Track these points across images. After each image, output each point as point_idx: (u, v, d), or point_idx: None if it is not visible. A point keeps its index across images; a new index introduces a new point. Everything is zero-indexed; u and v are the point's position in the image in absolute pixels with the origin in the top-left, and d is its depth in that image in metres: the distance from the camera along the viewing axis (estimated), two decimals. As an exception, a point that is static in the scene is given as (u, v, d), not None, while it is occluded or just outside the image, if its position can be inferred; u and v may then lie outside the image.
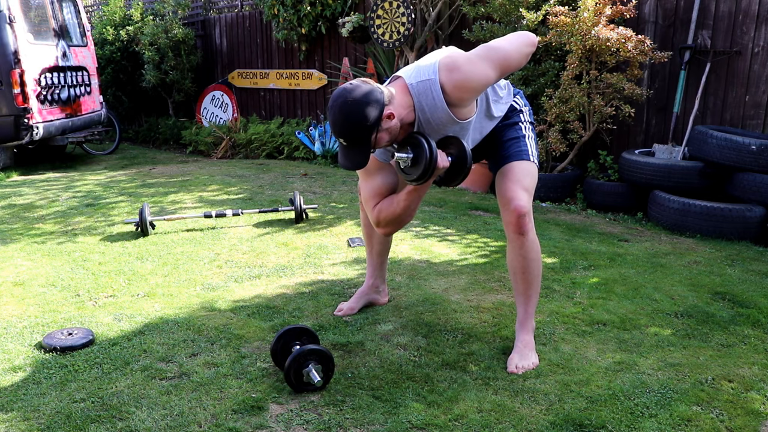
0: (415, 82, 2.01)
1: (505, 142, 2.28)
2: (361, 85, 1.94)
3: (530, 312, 2.32)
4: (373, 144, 1.96)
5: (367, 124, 1.90)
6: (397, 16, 5.79)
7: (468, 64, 1.98)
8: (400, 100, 2.00)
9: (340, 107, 1.91)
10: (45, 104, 6.41)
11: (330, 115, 1.95)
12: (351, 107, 1.90)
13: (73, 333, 2.42)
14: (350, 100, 1.90)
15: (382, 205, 2.19)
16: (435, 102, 2.00)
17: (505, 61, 2.02)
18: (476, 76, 1.97)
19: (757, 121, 4.39)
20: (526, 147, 2.27)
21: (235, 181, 5.52)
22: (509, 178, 2.22)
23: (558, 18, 4.52)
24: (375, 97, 1.91)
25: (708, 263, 3.35)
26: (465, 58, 2.00)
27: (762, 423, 1.89)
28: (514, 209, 2.16)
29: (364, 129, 1.91)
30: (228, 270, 3.24)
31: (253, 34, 8.14)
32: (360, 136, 1.92)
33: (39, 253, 3.56)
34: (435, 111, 2.01)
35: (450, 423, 1.89)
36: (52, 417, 1.92)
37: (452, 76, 1.97)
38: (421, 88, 2.00)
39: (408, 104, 2.01)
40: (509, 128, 2.30)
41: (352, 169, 2.00)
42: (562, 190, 4.90)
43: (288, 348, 2.15)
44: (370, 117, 1.90)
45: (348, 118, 1.90)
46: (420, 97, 2.01)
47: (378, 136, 1.95)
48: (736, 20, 4.41)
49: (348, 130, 1.92)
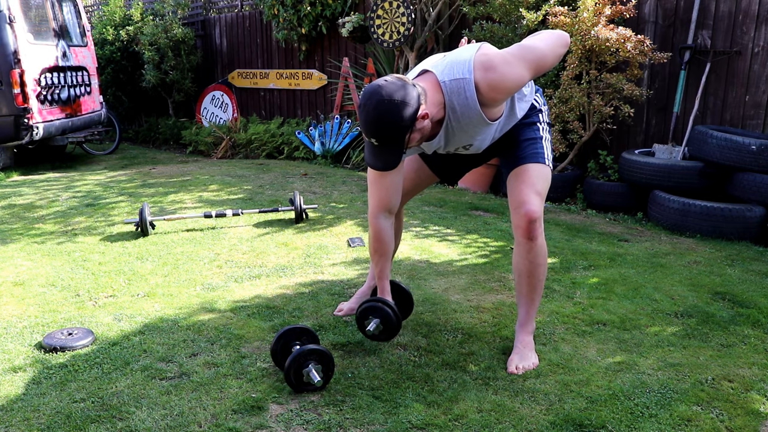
0: (448, 80, 1.94)
1: (521, 142, 2.21)
2: (396, 83, 1.86)
3: (531, 314, 2.31)
4: (406, 144, 1.90)
5: (403, 124, 1.83)
6: (397, 16, 5.79)
7: (504, 64, 1.91)
8: (432, 97, 1.93)
9: (376, 106, 1.83)
10: (45, 104, 6.41)
11: (362, 113, 1.87)
12: (387, 106, 1.81)
13: (73, 333, 2.41)
14: (386, 99, 1.82)
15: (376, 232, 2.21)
16: (468, 102, 1.93)
17: (540, 62, 1.96)
18: (512, 77, 1.91)
19: (757, 121, 4.40)
20: (543, 149, 2.21)
21: (235, 181, 5.52)
22: (523, 181, 2.16)
23: (558, 18, 4.52)
24: (411, 97, 1.84)
25: (708, 263, 3.35)
26: (501, 57, 1.93)
27: (762, 423, 1.89)
28: (525, 213, 2.12)
29: (399, 129, 1.83)
30: (228, 270, 3.24)
31: (253, 34, 8.14)
32: (394, 136, 1.85)
33: (39, 253, 3.56)
34: (467, 110, 1.95)
35: (450, 423, 1.89)
36: (52, 417, 1.92)
37: (488, 75, 1.90)
38: (454, 86, 1.93)
39: (439, 102, 1.95)
40: (527, 128, 2.23)
41: (383, 170, 1.96)
42: (562, 190, 4.90)
43: (288, 348, 2.15)
44: (405, 117, 1.82)
45: (382, 118, 1.82)
46: (452, 95, 1.94)
47: (411, 136, 1.88)
48: (736, 20, 4.41)
49: (382, 130, 1.85)
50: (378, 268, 2.26)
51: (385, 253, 2.24)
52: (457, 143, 2.11)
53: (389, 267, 2.29)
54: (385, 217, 2.20)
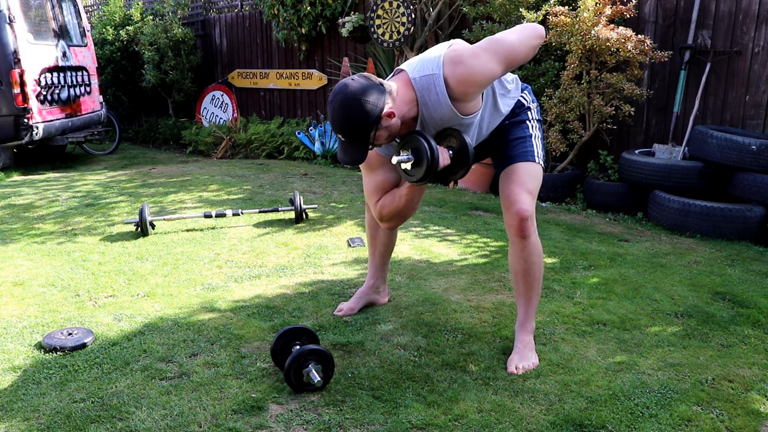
0: (418, 77, 1.97)
1: (511, 141, 2.23)
2: (361, 81, 1.90)
3: (530, 313, 2.31)
4: (372, 141, 1.94)
5: (366, 121, 1.88)
6: (397, 16, 5.79)
7: (472, 57, 1.92)
8: (403, 95, 1.96)
9: (340, 103, 1.89)
10: (45, 104, 6.41)
11: (329, 109, 1.93)
12: (350, 104, 1.87)
13: (73, 333, 2.41)
14: (350, 97, 1.87)
15: (385, 201, 2.18)
16: (438, 97, 1.95)
17: (511, 54, 1.96)
18: (481, 70, 1.92)
19: (757, 121, 4.39)
20: (532, 147, 2.22)
21: (235, 181, 5.52)
22: (513, 180, 2.18)
23: (558, 18, 4.52)
24: (375, 95, 1.88)
25: (708, 263, 3.35)
26: (470, 51, 1.95)
27: (762, 423, 1.89)
28: (516, 212, 2.13)
29: (363, 126, 1.89)
30: (228, 270, 3.24)
31: (253, 34, 8.14)
32: (358, 133, 1.90)
33: (39, 253, 3.56)
34: (438, 106, 1.97)
35: (450, 423, 1.89)
36: (52, 417, 1.92)
37: (456, 69, 1.92)
38: (424, 82, 1.96)
39: (410, 99, 1.98)
40: (516, 126, 2.24)
41: (350, 164, 1.99)
42: (562, 190, 4.90)
43: (288, 348, 2.15)
44: (369, 115, 1.87)
45: (346, 115, 1.88)
46: (423, 92, 1.97)
47: (377, 134, 1.93)
48: (736, 20, 4.41)
49: (346, 127, 1.90)
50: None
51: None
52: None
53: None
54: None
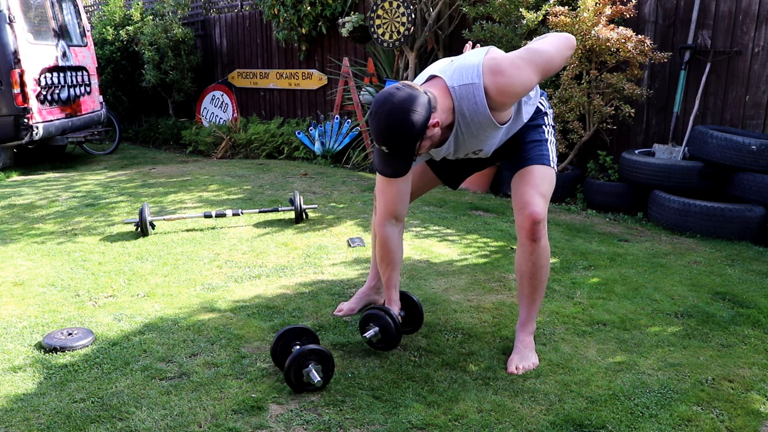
0: (457, 85, 1.94)
1: (526, 144, 2.22)
2: (409, 91, 1.86)
3: (533, 315, 2.31)
4: (416, 152, 1.91)
5: (414, 132, 1.83)
6: (397, 16, 5.79)
7: (513, 68, 1.92)
8: (441, 103, 1.94)
9: (387, 114, 1.83)
10: (45, 104, 6.41)
11: (374, 121, 1.87)
12: (398, 115, 1.82)
13: (73, 333, 2.41)
14: (398, 107, 1.82)
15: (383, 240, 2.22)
16: (477, 107, 1.94)
17: (548, 65, 1.97)
18: (521, 80, 1.92)
19: (757, 121, 4.39)
20: (548, 152, 2.21)
21: (235, 181, 5.52)
22: (527, 182, 2.16)
23: (558, 18, 4.52)
24: (423, 105, 1.84)
25: (708, 263, 3.35)
26: (509, 61, 1.94)
27: (762, 423, 1.89)
28: (529, 215, 2.12)
29: (411, 138, 1.84)
30: (228, 270, 3.24)
31: (253, 34, 8.14)
32: (405, 144, 1.86)
33: (39, 253, 3.56)
34: (476, 115, 1.96)
35: (450, 423, 1.89)
36: (52, 417, 1.92)
37: (497, 79, 1.91)
38: (463, 92, 1.94)
39: (448, 108, 1.95)
40: (532, 130, 2.23)
41: (393, 176, 1.98)
42: (562, 190, 4.90)
43: (288, 348, 2.15)
44: (417, 125, 1.83)
45: (394, 127, 1.83)
46: (461, 101, 1.95)
47: (421, 144, 1.90)
48: (736, 20, 4.41)
49: (393, 138, 1.85)
50: (385, 276, 2.26)
51: (392, 262, 2.23)
52: (467, 149, 2.11)
53: (397, 276, 2.28)
54: (393, 225, 2.21)
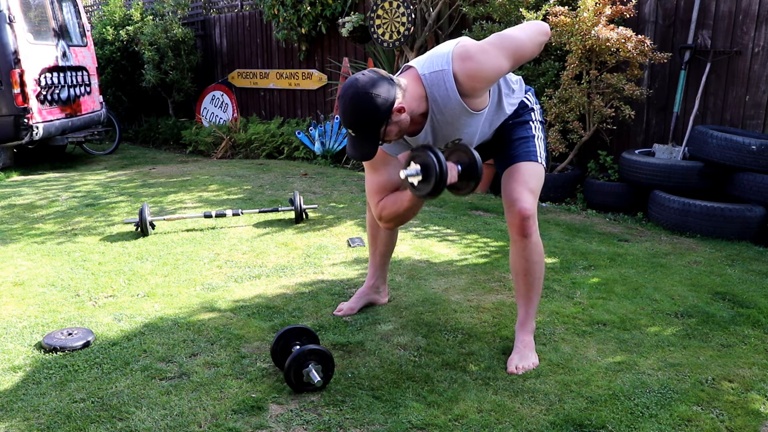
0: (427, 73, 1.98)
1: (513, 141, 2.24)
2: (372, 76, 1.90)
3: (531, 313, 2.31)
4: (382, 136, 1.94)
5: (377, 116, 1.87)
6: (397, 16, 5.79)
7: (481, 53, 1.95)
8: (413, 91, 1.97)
9: (351, 97, 1.88)
10: (45, 104, 6.41)
11: (340, 104, 1.93)
12: (361, 98, 1.86)
13: (73, 333, 2.41)
14: (361, 91, 1.87)
15: (386, 202, 2.17)
16: (448, 93, 1.96)
17: (518, 50, 1.99)
18: (490, 65, 1.94)
19: (757, 121, 4.39)
20: (535, 148, 2.24)
21: (235, 181, 5.52)
22: (515, 179, 2.19)
23: (558, 18, 4.52)
24: (386, 90, 1.88)
25: (708, 263, 3.35)
26: (478, 47, 1.97)
27: (762, 423, 1.89)
28: (518, 211, 2.14)
29: (373, 121, 1.88)
30: (228, 270, 3.24)
31: (253, 34, 8.14)
32: (369, 127, 1.89)
33: (39, 253, 3.56)
34: (448, 102, 1.98)
35: (450, 423, 1.89)
36: (52, 417, 1.92)
37: (465, 65, 1.94)
38: (433, 78, 1.97)
39: (420, 95, 1.98)
40: (519, 126, 2.26)
41: (360, 159, 2.00)
42: (562, 190, 4.90)
43: (288, 348, 2.15)
44: (380, 109, 1.87)
45: (357, 109, 1.88)
46: (432, 87, 1.98)
47: (387, 129, 1.93)
48: (736, 20, 4.41)
49: (357, 121, 1.89)
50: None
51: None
52: (445, 138, 2.12)
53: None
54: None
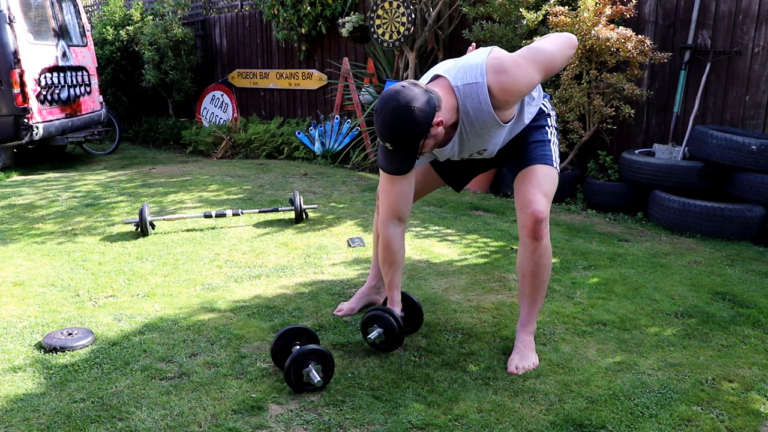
0: (461, 85, 1.97)
1: (529, 144, 2.24)
2: (413, 89, 1.89)
3: (533, 315, 2.31)
4: (420, 150, 1.93)
5: (418, 130, 1.86)
6: (397, 16, 5.79)
7: (515, 66, 1.95)
8: (446, 102, 1.96)
9: (392, 111, 1.86)
10: (45, 104, 6.41)
11: (378, 117, 1.90)
12: (403, 112, 1.85)
13: (73, 333, 2.41)
14: (403, 105, 1.85)
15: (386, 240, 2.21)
16: (481, 105, 1.96)
17: (549, 64, 2.00)
18: (523, 79, 1.95)
19: (757, 121, 4.39)
20: (550, 152, 2.23)
21: (235, 181, 5.52)
22: (530, 181, 2.18)
23: (558, 18, 4.52)
24: (428, 103, 1.87)
25: (708, 263, 3.35)
26: (512, 60, 1.97)
27: (762, 423, 1.89)
28: (531, 213, 2.13)
29: (415, 135, 1.87)
30: (228, 270, 3.24)
31: (253, 34, 8.14)
32: (409, 142, 1.89)
33: (39, 253, 3.56)
34: (480, 114, 1.98)
35: (450, 423, 1.89)
36: (52, 417, 1.92)
37: (500, 78, 1.94)
38: (467, 90, 1.96)
39: (453, 107, 1.98)
40: (535, 131, 2.26)
41: (396, 174, 2.00)
42: (562, 190, 4.90)
43: (288, 348, 2.15)
44: (421, 123, 1.86)
45: (399, 124, 1.86)
46: (465, 100, 1.97)
47: (425, 143, 1.92)
48: (736, 20, 4.41)
49: (397, 136, 1.88)
50: (388, 278, 2.27)
51: (395, 263, 2.24)
52: (472, 149, 2.13)
53: (400, 277, 2.29)
54: (395, 225, 2.21)
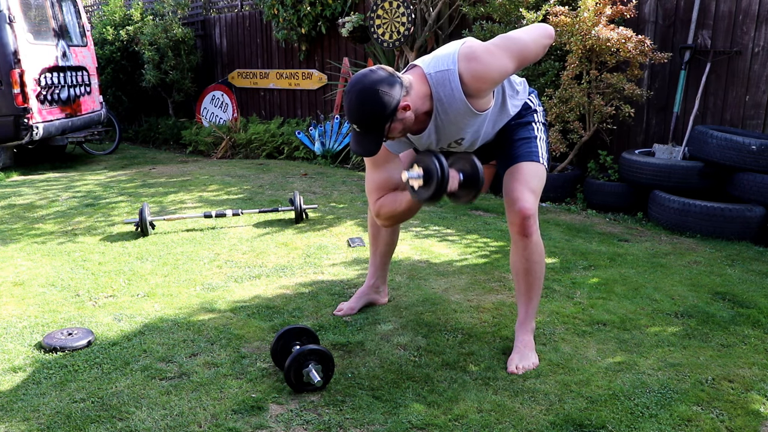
0: (433, 72, 1.99)
1: (516, 141, 2.25)
2: (380, 73, 1.91)
3: (531, 313, 2.31)
4: (386, 133, 1.94)
5: (383, 113, 1.88)
6: (397, 16, 5.79)
7: (487, 54, 1.96)
8: (418, 89, 1.98)
9: (358, 93, 1.88)
10: (45, 104, 6.41)
11: (346, 99, 1.93)
12: (368, 94, 1.87)
13: (73, 333, 2.41)
14: (368, 87, 1.87)
15: (385, 200, 2.17)
16: (453, 92, 1.97)
17: (523, 53, 2.00)
18: (495, 67, 1.95)
19: (757, 121, 4.39)
20: (537, 148, 2.24)
21: (235, 181, 5.52)
22: (516, 179, 2.20)
23: (558, 18, 4.52)
24: (393, 87, 1.89)
25: (708, 263, 3.35)
26: (484, 47, 1.98)
27: (762, 423, 1.89)
28: (519, 210, 2.15)
29: (379, 118, 1.88)
30: (228, 270, 3.24)
31: (253, 34, 8.14)
32: (374, 124, 1.90)
33: (39, 253, 3.56)
34: (453, 101, 1.99)
35: (450, 423, 1.89)
36: (52, 417, 1.92)
37: (471, 65, 1.94)
38: (439, 78, 1.98)
39: (425, 94, 1.99)
40: (522, 127, 2.27)
41: (364, 155, 2.00)
42: (562, 190, 4.90)
43: (288, 348, 2.15)
44: (386, 106, 1.87)
45: (363, 105, 1.88)
46: (438, 87, 1.98)
47: (392, 126, 1.93)
48: (736, 20, 4.41)
49: (362, 117, 1.90)
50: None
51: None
52: (449, 137, 2.13)
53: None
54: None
